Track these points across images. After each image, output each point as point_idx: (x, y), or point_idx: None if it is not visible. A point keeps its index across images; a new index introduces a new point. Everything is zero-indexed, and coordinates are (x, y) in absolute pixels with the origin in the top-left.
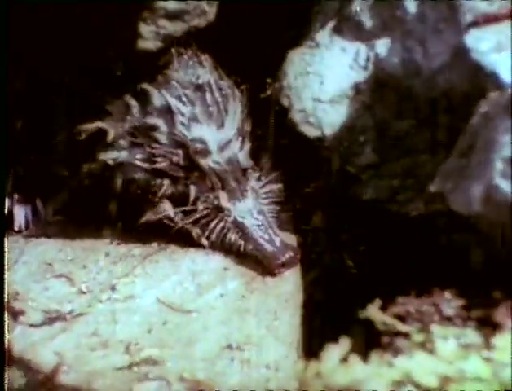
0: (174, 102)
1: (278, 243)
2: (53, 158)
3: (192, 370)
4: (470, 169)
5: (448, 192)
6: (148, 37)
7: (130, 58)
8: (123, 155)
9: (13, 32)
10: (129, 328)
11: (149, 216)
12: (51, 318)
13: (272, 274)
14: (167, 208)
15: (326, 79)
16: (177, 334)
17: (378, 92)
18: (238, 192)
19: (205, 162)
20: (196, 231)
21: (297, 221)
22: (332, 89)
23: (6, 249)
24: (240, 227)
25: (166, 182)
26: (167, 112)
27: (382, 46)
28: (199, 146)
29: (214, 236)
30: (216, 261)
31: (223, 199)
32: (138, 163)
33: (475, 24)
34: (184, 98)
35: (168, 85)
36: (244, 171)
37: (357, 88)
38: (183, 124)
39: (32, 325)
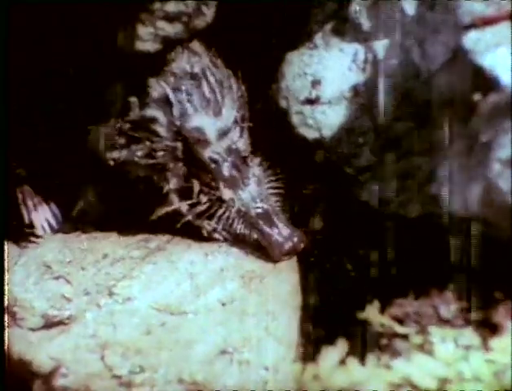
0: (171, 92)
1: (283, 230)
2: (55, 160)
3: (190, 372)
4: (469, 171)
5: (446, 193)
6: (146, 39)
7: (129, 59)
8: (123, 154)
9: (13, 32)
10: (127, 330)
11: (159, 212)
12: (49, 320)
13: (276, 261)
14: (175, 201)
15: (324, 80)
16: (175, 336)
17: (377, 94)
18: (240, 181)
19: (205, 152)
20: (206, 226)
21: (295, 223)
22: (330, 90)
23: (6, 250)
24: (244, 217)
25: (170, 176)
26: (165, 102)
27: (381, 47)
28: (197, 135)
29: (220, 228)
30: (214, 262)
31: (225, 190)
32: (137, 160)
33: (473, 26)
34: (182, 87)
35: (164, 76)
36: (245, 159)
37: (355, 89)
38: (181, 114)
39: (29, 327)
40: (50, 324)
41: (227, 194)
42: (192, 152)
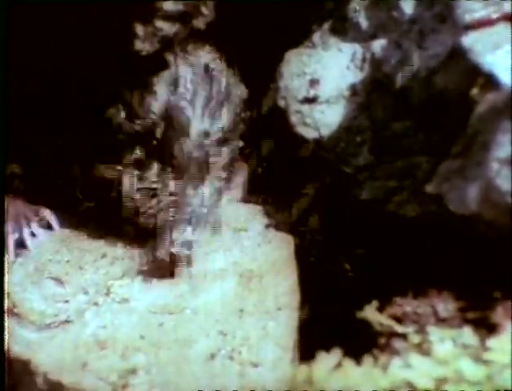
0: (183, 78)
1: (171, 249)
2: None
3: (189, 371)
4: (467, 170)
5: (445, 193)
6: (145, 39)
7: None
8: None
9: (13, 32)
10: (125, 330)
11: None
12: (48, 320)
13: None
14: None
15: (323, 80)
16: (173, 335)
17: (375, 93)
18: (195, 182)
19: (179, 145)
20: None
21: (294, 222)
22: (328, 89)
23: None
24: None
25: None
26: (173, 83)
27: (379, 46)
28: (180, 124)
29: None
30: (213, 261)
31: (179, 187)
32: (121, 121)
33: (471, 27)
34: (193, 78)
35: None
36: (209, 164)
37: (354, 89)
38: (179, 99)
39: (28, 327)
40: (48, 324)
41: (175, 187)
42: (168, 139)
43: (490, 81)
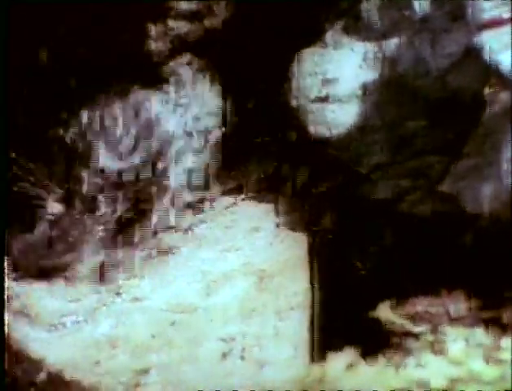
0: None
1: None
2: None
3: (201, 370)
4: (481, 169)
5: (458, 192)
6: (158, 38)
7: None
8: None
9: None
10: (137, 329)
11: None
12: (60, 320)
13: None
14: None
15: (335, 79)
16: (185, 334)
17: (388, 92)
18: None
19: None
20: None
21: (306, 222)
22: (341, 89)
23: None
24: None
25: None
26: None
27: (392, 45)
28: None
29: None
30: (225, 260)
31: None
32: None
33: (484, 26)
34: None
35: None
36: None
37: (366, 88)
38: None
39: (40, 327)
40: (60, 323)
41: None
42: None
43: (503, 81)
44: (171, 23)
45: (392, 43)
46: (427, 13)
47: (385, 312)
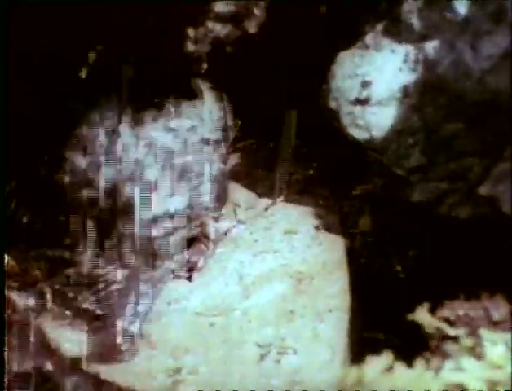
0: None
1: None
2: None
3: (238, 372)
4: None
5: (498, 195)
6: (197, 40)
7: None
8: None
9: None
10: (175, 330)
11: None
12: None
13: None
14: None
15: (375, 81)
16: (223, 336)
17: (428, 94)
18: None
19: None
20: None
21: (344, 224)
22: (381, 91)
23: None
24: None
25: None
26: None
27: (432, 47)
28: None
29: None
30: (263, 262)
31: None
32: None
33: None
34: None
35: None
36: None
37: (406, 90)
38: None
39: (77, 327)
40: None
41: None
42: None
43: None
44: (210, 25)
45: (432, 45)
46: (468, 15)
47: (423, 315)
